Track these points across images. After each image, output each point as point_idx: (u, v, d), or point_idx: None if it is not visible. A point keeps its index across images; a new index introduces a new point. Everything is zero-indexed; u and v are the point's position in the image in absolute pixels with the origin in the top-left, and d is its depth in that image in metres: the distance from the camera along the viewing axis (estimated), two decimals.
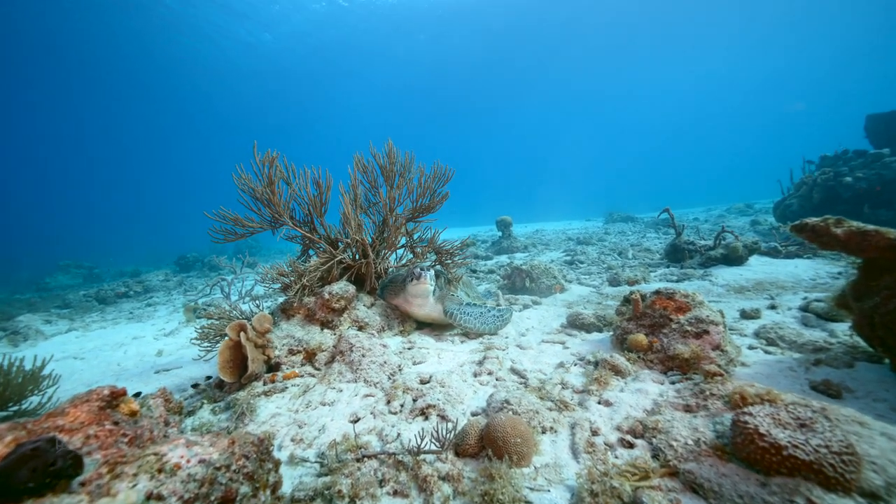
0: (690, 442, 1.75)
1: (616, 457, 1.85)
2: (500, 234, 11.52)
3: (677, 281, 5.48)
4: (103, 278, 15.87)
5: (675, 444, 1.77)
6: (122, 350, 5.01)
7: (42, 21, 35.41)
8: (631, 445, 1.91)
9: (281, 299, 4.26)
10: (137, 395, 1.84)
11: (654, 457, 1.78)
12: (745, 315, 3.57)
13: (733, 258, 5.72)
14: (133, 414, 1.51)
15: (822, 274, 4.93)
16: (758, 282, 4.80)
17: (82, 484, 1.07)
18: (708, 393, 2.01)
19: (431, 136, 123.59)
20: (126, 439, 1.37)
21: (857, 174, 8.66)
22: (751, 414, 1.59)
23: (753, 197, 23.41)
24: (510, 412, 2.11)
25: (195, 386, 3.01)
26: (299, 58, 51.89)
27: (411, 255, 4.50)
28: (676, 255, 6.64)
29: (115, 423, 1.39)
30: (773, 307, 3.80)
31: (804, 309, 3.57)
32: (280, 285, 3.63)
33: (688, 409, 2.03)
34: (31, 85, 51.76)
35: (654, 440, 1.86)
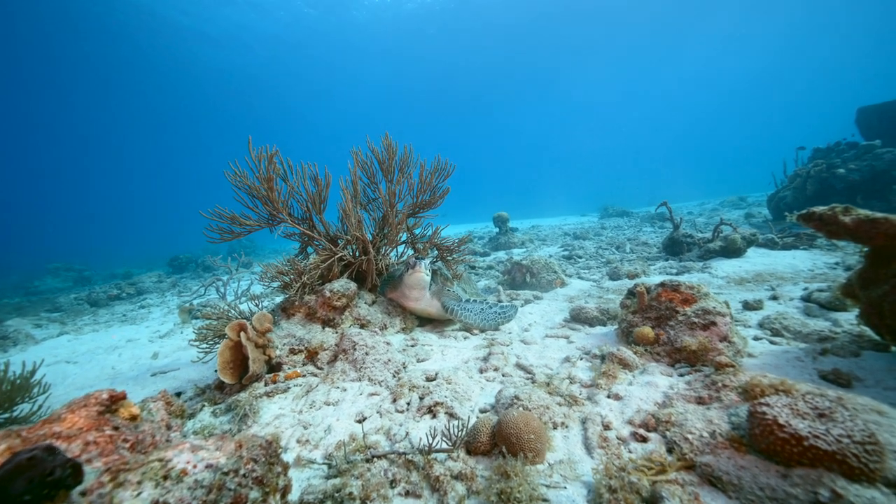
0: (706, 434, 1.72)
1: (630, 451, 1.82)
2: (496, 230, 11.48)
3: (677, 274, 5.48)
4: (94, 281, 15.57)
5: (690, 436, 1.74)
6: (117, 353, 4.89)
7: (37, 24, 34.59)
8: (644, 439, 1.88)
9: (279, 298, 4.20)
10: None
11: (669, 450, 1.76)
12: (748, 306, 3.57)
13: (732, 250, 5.73)
14: (133, 418, 1.44)
15: (819, 264, 4.96)
16: (757, 273, 4.81)
17: (83, 494, 1.01)
18: (720, 384, 1.99)
19: (427, 133, 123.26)
20: (127, 445, 1.31)
21: (849, 166, 8.74)
22: (768, 404, 1.57)
23: (746, 190, 23.57)
24: (521, 408, 2.07)
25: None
26: (294, 56, 51.33)
27: (412, 252, 4.44)
28: (675, 248, 6.65)
29: (116, 429, 1.33)
30: (774, 298, 3.81)
31: (806, 299, 3.57)
32: (279, 284, 3.55)
33: (700, 401, 2.00)
34: (22, 84, 50.72)
35: (667, 433, 1.83)
